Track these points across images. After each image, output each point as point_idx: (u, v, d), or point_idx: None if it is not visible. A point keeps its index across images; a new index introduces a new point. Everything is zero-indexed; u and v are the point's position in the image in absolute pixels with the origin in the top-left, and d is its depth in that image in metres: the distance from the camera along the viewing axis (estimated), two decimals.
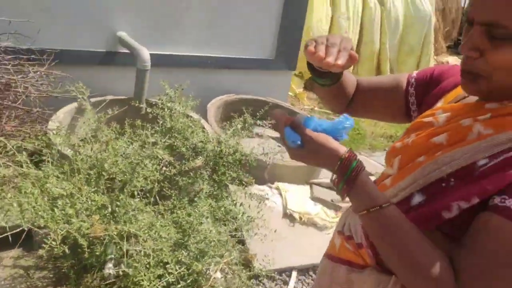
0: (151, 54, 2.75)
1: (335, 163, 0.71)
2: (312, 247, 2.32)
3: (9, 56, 2.32)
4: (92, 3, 2.86)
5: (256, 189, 2.57)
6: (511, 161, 0.65)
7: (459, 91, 0.82)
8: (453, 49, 14.71)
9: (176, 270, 1.45)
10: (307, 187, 3.00)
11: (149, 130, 2.19)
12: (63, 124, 2.45)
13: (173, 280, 1.47)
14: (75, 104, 2.63)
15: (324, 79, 0.87)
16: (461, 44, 0.70)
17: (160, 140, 2.18)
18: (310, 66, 0.84)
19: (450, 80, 0.87)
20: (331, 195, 2.92)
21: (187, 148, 2.23)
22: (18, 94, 2.27)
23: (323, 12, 6.13)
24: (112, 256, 1.90)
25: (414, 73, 0.96)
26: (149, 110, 2.21)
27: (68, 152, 1.96)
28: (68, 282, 1.95)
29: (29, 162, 1.74)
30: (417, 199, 0.73)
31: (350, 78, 1.00)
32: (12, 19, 2.40)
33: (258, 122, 2.39)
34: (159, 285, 1.44)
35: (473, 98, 0.78)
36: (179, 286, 1.48)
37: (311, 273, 2.25)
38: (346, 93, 0.99)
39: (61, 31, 2.77)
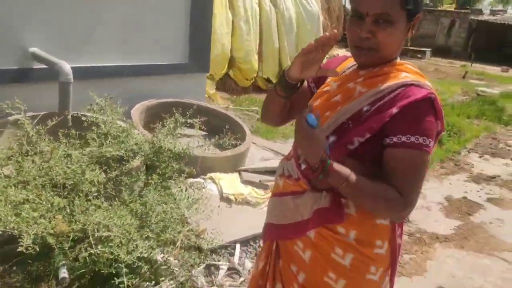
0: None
1: (317, 160, 1.03)
2: (249, 221, 2.66)
3: None
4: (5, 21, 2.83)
5: (191, 182, 2.83)
6: (383, 106, 1.06)
7: (339, 69, 1.21)
8: (341, 42, 16.28)
9: (145, 245, 1.67)
10: (236, 174, 3.34)
11: (83, 139, 2.32)
12: None
13: (143, 254, 1.68)
14: None
15: (291, 90, 1.16)
16: (353, 28, 1.07)
17: (99, 146, 2.33)
18: (283, 78, 1.13)
19: (332, 66, 1.26)
20: (259, 178, 3.30)
21: (126, 150, 2.41)
22: None
23: (223, 16, 6.51)
24: (63, 262, 2.02)
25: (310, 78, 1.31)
26: (84, 118, 2.33)
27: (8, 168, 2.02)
28: None
29: None
30: (331, 139, 1.11)
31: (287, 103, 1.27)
32: None
33: (189, 120, 2.65)
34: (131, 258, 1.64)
35: (349, 70, 1.19)
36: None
37: (251, 243, 2.59)
38: (283, 109, 1.27)
39: None
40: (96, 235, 1.67)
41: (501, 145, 5.91)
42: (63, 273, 2.04)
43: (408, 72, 1.11)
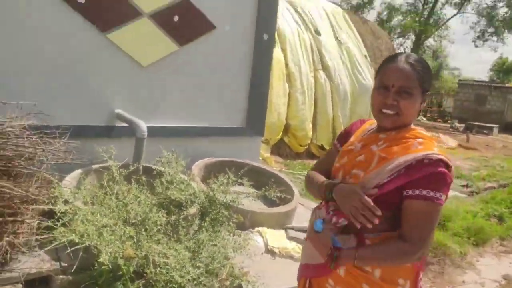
0: None
1: (324, 255, 1.32)
2: (291, 274, 2.77)
3: (33, 132, 2.82)
4: (97, 89, 3.49)
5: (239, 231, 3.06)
6: (400, 176, 1.27)
7: (360, 132, 1.46)
8: None
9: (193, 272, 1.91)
10: (283, 231, 3.51)
11: (151, 186, 2.71)
12: (72, 185, 2.91)
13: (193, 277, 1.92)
14: (79, 171, 3.12)
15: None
16: (379, 96, 1.33)
17: (162, 192, 2.70)
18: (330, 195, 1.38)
19: (353, 128, 1.51)
20: (303, 235, 3.44)
21: (185, 197, 2.74)
22: (42, 161, 2.74)
23: (280, 87, 7.09)
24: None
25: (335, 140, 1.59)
26: (154, 168, 2.74)
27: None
28: None
29: None
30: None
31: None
32: (34, 102, 2.95)
33: (239, 180, 2.97)
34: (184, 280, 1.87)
35: (369, 133, 1.42)
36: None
37: None
38: None
39: (71, 110, 3.34)
40: (156, 260, 1.94)
41: None
42: None
43: (420, 137, 1.32)
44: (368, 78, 8.87)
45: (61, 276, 2.59)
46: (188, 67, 4.03)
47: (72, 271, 2.59)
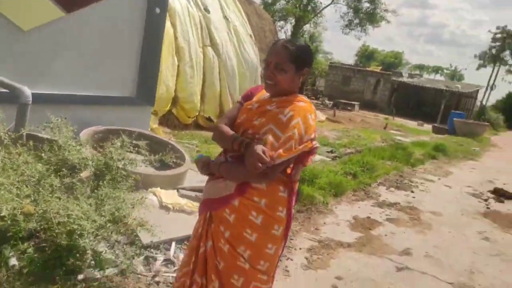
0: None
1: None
2: (184, 225, 3.13)
3: None
4: None
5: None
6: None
7: (260, 95, 1.85)
8: None
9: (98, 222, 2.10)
10: (175, 191, 3.82)
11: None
12: None
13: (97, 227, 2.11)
14: None
15: None
16: (264, 71, 1.70)
17: (54, 155, 2.75)
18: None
19: (255, 91, 1.90)
20: (195, 193, 3.81)
21: (79, 160, 2.84)
22: None
23: (169, 60, 7.17)
24: (12, 253, 2.37)
25: (240, 97, 1.95)
26: (40, 136, 2.75)
27: None
28: None
29: None
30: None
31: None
32: None
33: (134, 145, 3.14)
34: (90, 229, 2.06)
35: (267, 97, 1.81)
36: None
37: (186, 242, 3.05)
38: None
39: None
40: (60, 213, 2.08)
41: (405, 181, 6.97)
42: (13, 261, 2.38)
43: (303, 102, 1.74)
44: (253, 56, 9.47)
45: None
46: (76, 35, 3.95)
47: None
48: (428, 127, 18.99)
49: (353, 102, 22.04)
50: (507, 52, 33.62)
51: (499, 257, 4.09)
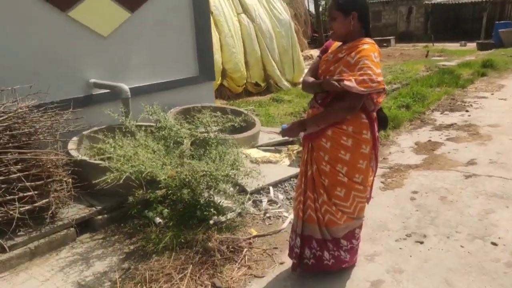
0: None
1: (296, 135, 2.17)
2: (274, 172, 3.73)
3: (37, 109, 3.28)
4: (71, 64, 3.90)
5: None
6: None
7: (334, 47, 2.30)
8: (311, 43, 17.56)
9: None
10: (255, 149, 4.42)
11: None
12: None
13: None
14: (83, 133, 3.66)
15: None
16: (328, 24, 2.15)
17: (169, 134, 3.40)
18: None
19: (329, 44, 2.35)
20: (271, 148, 4.40)
21: (181, 135, 3.47)
22: (54, 132, 3.25)
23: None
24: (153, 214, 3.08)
25: (318, 52, 2.40)
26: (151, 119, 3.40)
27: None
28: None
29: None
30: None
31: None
32: (29, 85, 3.35)
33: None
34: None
35: (338, 46, 2.26)
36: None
37: (279, 185, 3.67)
38: None
39: (55, 87, 3.75)
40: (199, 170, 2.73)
41: (458, 102, 7.14)
42: (157, 219, 3.10)
43: (367, 43, 2.15)
44: (284, 13, 9.66)
45: (99, 217, 3.28)
46: (141, 30, 4.52)
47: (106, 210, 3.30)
48: (472, 45, 18.21)
49: (388, 38, 21.37)
50: None
51: None
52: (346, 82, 1.99)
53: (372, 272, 2.49)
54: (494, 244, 2.72)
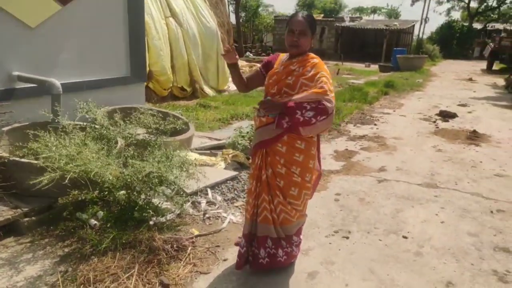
0: None
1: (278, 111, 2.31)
2: (212, 175, 3.84)
3: None
4: None
5: None
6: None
7: (279, 60, 2.51)
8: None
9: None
10: (191, 152, 4.48)
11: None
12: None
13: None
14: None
15: (233, 67, 2.43)
16: (289, 37, 2.36)
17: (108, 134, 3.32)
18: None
19: (273, 59, 2.57)
20: (206, 152, 4.50)
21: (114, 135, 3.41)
22: None
23: None
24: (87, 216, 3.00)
25: (259, 66, 2.61)
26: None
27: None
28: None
29: None
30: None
31: (241, 76, 2.53)
32: None
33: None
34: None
35: (286, 59, 2.48)
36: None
37: (216, 187, 3.79)
38: (241, 80, 2.54)
39: None
40: (142, 169, 2.72)
41: (367, 117, 8.01)
42: (92, 221, 3.03)
43: (315, 58, 2.41)
44: (211, 20, 9.83)
45: (26, 219, 3.07)
46: (73, 25, 4.31)
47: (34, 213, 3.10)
48: (374, 67, 20.32)
49: None
50: None
51: (450, 161, 5.21)
52: (328, 104, 2.22)
53: (308, 265, 2.75)
54: (405, 237, 3.19)
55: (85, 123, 3.66)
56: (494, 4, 35.33)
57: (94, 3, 4.49)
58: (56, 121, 3.54)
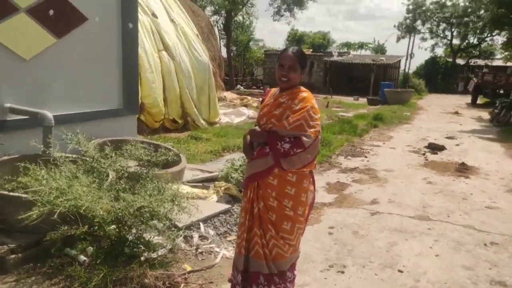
0: None
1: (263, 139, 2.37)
2: (204, 208, 3.79)
3: None
4: None
5: None
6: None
7: (271, 94, 2.56)
8: (226, 86, 18.22)
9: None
10: (181, 184, 4.43)
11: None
12: None
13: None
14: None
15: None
16: (279, 71, 2.43)
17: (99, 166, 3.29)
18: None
19: (266, 93, 2.62)
20: (199, 184, 4.46)
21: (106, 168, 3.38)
22: None
23: None
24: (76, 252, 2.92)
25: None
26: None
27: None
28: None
29: None
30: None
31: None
32: None
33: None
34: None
35: (277, 92, 2.54)
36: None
37: (208, 221, 3.73)
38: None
39: None
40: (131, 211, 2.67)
41: (357, 149, 8.09)
42: (81, 257, 2.94)
43: (304, 92, 2.48)
44: (203, 54, 10.03)
45: (12, 256, 2.96)
46: (68, 58, 4.35)
47: (20, 249, 2.99)
48: (363, 100, 20.76)
49: None
50: (419, 22, 37.19)
51: (441, 193, 5.25)
52: (305, 139, 2.28)
53: None
54: (400, 271, 3.15)
55: (75, 156, 3.62)
56: (475, 42, 36.83)
57: (89, 36, 4.56)
58: (48, 153, 3.50)
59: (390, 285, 2.94)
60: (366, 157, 7.36)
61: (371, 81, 25.34)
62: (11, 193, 2.96)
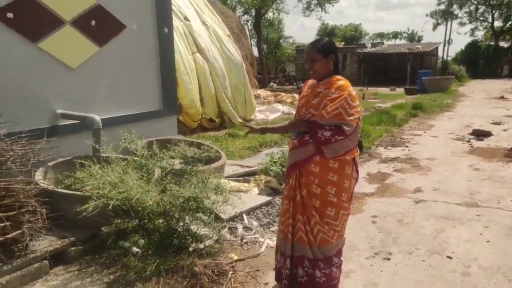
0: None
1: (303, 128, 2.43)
2: (246, 200, 3.88)
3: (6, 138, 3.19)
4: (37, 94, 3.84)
5: None
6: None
7: (308, 85, 2.60)
8: (259, 84, 18.34)
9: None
10: (225, 179, 4.55)
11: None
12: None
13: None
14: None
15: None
16: (306, 66, 2.47)
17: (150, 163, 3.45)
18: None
19: (304, 85, 2.66)
20: (239, 178, 4.56)
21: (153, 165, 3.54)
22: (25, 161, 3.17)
23: None
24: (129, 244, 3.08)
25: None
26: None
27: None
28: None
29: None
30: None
31: (279, 129, 2.71)
32: None
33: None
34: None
35: (314, 83, 2.57)
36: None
37: (251, 212, 3.81)
38: (282, 129, 2.68)
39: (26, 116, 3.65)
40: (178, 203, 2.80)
41: (397, 139, 7.91)
42: (134, 249, 3.10)
43: (340, 80, 2.50)
44: (235, 54, 10.17)
45: (73, 248, 3.18)
46: (110, 64, 4.58)
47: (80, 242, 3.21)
48: (400, 90, 20.17)
49: None
50: (455, 7, 35.56)
51: (490, 179, 5.04)
52: (346, 128, 2.30)
53: (350, 287, 2.70)
54: (449, 257, 3.08)
55: (121, 156, 3.82)
56: None
57: (129, 43, 4.78)
58: (98, 154, 3.72)
59: (439, 271, 2.89)
60: (406, 146, 7.19)
61: (407, 71, 24.58)
62: (68, 191, 3.18)
